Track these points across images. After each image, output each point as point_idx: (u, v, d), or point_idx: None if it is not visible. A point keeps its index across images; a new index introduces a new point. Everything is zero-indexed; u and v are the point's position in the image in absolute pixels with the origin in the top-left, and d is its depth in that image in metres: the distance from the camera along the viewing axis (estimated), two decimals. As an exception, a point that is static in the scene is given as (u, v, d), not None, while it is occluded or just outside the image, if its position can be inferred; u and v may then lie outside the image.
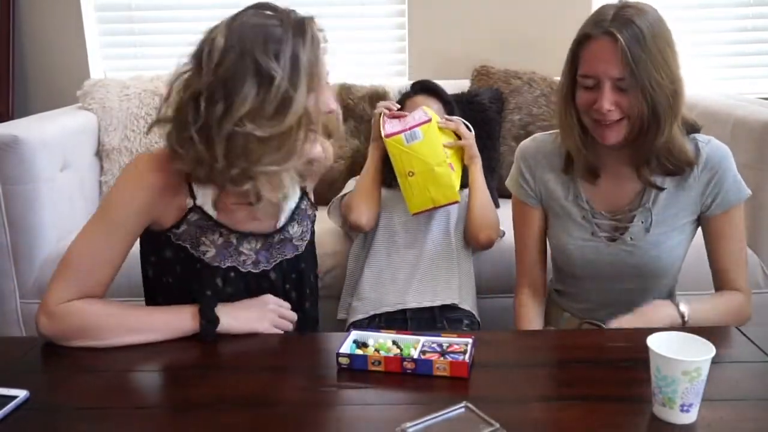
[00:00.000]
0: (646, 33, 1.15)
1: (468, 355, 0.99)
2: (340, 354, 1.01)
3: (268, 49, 1.04)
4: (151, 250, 1.23)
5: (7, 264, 1.89)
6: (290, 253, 1.27)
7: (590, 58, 1.19)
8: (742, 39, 2.68)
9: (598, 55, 1.18)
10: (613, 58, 1.15)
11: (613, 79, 1.17)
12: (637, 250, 1.29)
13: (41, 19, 2.61)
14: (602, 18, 1.18)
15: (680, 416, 0.85)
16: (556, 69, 2.42)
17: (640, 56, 1.14)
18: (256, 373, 1.02)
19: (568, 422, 0.87)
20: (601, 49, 1.17)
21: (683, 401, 0.84)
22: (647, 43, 1.15)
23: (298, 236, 1.28)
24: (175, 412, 0.93)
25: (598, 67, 1.18)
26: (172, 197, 1.16)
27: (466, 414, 0.86)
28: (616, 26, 1.15)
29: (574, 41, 1.23)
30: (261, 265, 1.24)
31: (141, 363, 1.07)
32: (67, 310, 1.09)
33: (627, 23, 1.15)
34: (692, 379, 0.84)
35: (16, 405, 0.91)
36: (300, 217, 1.28)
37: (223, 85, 1.04)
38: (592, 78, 1.19)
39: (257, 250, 1.23)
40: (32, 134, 1.87)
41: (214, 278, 1.20)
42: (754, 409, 0.89)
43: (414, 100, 1.86)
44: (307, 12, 1.14)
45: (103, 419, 0.90)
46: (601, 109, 1.18)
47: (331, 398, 0.95)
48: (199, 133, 1.05)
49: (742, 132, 1.82)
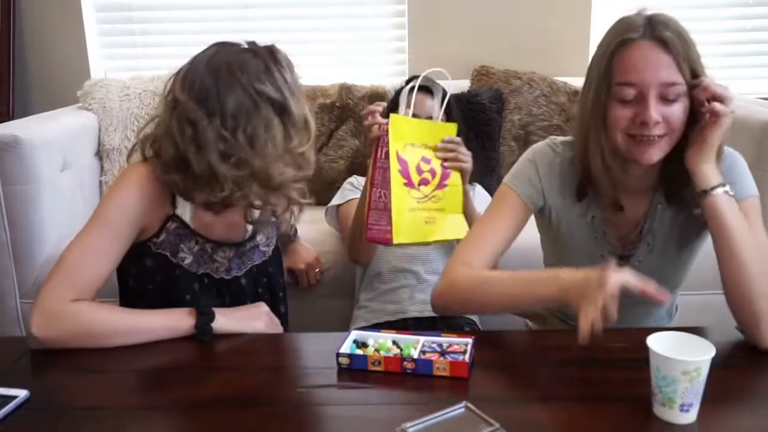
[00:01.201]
0: (687, 36, 1.08)
1: (468, 355, 1.00)
2: (340, 354, 1.01)
3: (262, 79, 1.13)
4: (131, 261, 1.24)
5: (7, 263, 1.89)
6: (258, 258, 1.34)
7: (632, 65, 1.07)
8: (741, 39, 2.69)
9: (643, 59, 1.07)
10: (661, 62, 1.06)
11: (662, 85, 1.06)
12: (643, 271, 1.17)
13: (41, 19, 2.61)
14: (634, 24, 1.09)
15: (680, 416, 0.85)
16: (556, 69, 2.47)
17: (690, 58, 1.07)
18: (256, 373, 1.02)
19: (568, 422, 0.87)
20: (646, 53, 1.07)
21: (683, 401, 0.84)
22: (691, 45, 1.08)
23: (264, 243, 1.35)
24: (175, 412, 0.93)
25: (644, 74, 1.06)
26: (159, 207, 1.20)
27: (466, 414, 0.86)
28: (658, 28, 1.07)
29: (606, 52, 1.11)
30: (233, 272, 1.29)
31: (141, 363, 1.07)
32: (62, 310, 1.09)
33: (666, 25, 1.07)
34: (692, 379, 0.84)
35: (16, 405, 0.92)
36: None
37: (233, 118, 1.12)
38: (635, 87, 1.07)
39: (230, 258, 1.28)
40: (32, 134, 1.87)
41: (192, 284, 1.25)
42: (754, 409, 0.89)
43: (408, 99, 1.83)
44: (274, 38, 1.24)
45: (103, 419, 0.90)
46: (648, 120, 1.07)
47: (331, 398, 0.95)
48: (213, 162, 1.12)
49: (742, 132, 1.82)
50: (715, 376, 0.85)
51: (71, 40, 2.61)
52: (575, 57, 2.56)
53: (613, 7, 2.60)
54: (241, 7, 2.65)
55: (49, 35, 2.62)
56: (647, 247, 1.23)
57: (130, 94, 2.29)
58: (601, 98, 1.12)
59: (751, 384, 0.96)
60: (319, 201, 1.98)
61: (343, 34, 2.68)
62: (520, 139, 2.30)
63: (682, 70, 1.07)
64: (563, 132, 2.28)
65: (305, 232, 1.81)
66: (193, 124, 1.11)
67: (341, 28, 2.67)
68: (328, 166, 2.29)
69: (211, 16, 2.66)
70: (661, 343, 0.87)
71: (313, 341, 1.17)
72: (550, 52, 2.56)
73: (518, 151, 2.30)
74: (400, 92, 1.81)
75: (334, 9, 2.65)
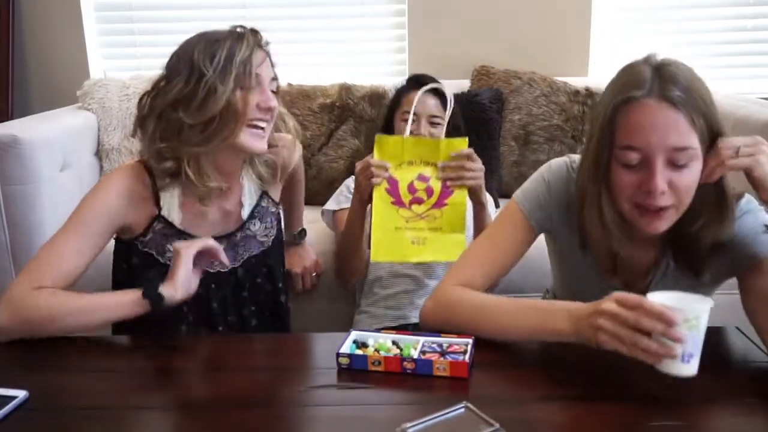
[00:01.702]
0: (700, 89, 0.97)
1: (468, 355, 0.99)
2: (340, 354, 1.01)
3: (206, 50, 1.18)
4: (122, 258, 1.30)
5: (7, 264, 1.88)
6: (256, 249, 1.36)
7: (636, 127, 0.96)
8: (741, 39, 2.68)
9: (649, 122, 0.95)
10: (669, 124, 0.95)
11: (671, 150, 0.95)
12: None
13: (41, 19, 2.61)
14: (641, 78, 0.98)
15: (682, 367, 0.86)
16: (556, 69, 2.47)
17: (705, 115, 0.96)
18: (256, 373, 1.02)
19: (568, 422, 0.87)
20: (652, 114, 0.95)
21: (684, 350, 0.85)
22: (706, 100, 0.97)
23: (261, 233, 1.37)
24: (175, 412, 0.93)
25: (650, 138, 0.95)
26: (142, 207, 1.24)
27: (466, 414, 0.86)
28: (667, 86, 0.95)
29: (607, 109, 1.00)
30: (229, 263, 1.30)
31: (141, 363, 1.07)
32: (23, 298, 1.11)
33: (676, 80, 0.96)
34: (692, 327, 0.85)
35: (16, 405, 0.91)
36: (261, 214, 1.37)
37: (165, 78, 1.21)
38: (639, 151, 0.97)
39: (223, 250, 1.28)
40: (32, 134, 1.86)
41: None
42: (754, 409, 0.89)
43: (409, 98, 1.75)
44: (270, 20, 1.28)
45: (103, 419, 0.90)
46: (654, 189, 0.96)
47: (331, 398, 0.95)
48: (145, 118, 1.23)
49: (743, 132, 1.81)
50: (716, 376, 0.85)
51: (71, 40, 2.61)
52: (575, 57, 2.56)
53: (613, 7, 2.60)
54: (241, 7, 2.65)
55: (48, 35, 2.62)
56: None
57: (129, 93, 2.29)
58: (602, 158, 1.01)
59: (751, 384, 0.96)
60: (319, 201, 1.97)
61: (343, 34, 2.68)
62: (520, 139, 2.30)
63: (696, 130, 0.95)
64: (563, 131, 2.28)
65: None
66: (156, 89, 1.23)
67: (341, 28, 2.67)
68: (327, 166, 2.29)
69: (211, 16, 2.65)
70: (662, 299, 0.88)
71: (313, 341, 1.17)
72: (550, 52, 2.56)
73: (518, 151, 2.30)
74: (400, 92, 1.83)
75: (333, 9, 2.64)
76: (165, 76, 1.22)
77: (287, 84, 2.36)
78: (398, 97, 1.84)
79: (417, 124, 1.72)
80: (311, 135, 2.29)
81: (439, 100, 1.75)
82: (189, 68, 1.17)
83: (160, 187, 1.25)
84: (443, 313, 1.13)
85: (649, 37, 2.60)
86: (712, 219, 1.03)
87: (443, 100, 1.74)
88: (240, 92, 1.19)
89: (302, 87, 2.35)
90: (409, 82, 1.84)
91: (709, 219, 1.03)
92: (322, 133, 2.30)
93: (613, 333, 0.88)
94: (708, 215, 1.03)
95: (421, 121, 1.72)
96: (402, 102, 1.80)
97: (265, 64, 1.23)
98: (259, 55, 1.22)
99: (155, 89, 1.22)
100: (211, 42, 1.19)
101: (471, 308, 1.10)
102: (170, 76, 1.20)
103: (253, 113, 1.21)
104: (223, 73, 1.16)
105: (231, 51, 1.17)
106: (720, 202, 1.03)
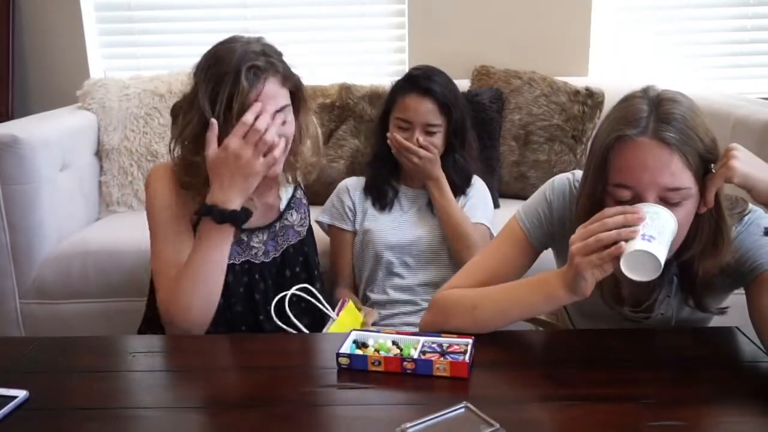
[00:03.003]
0: (700, 129, 0.96)
1: (468, 355, 0.99)
2: (340, 354, 1.01)
3: (207, 86, 1.20)
4: None
5: (7, 264, 1.88)
6: (294, 238, 1.42)
7: (629, 165, 0.96)
8: (741, 39, 2.68)
9: (642, 162, 0.94)
10: (662, 165, 0.94)
11: (663, 189, 0.95)
12: (663, 324, 1.14)
13: (41, 19, 2.60)
14: (637, 115, 0.96)
15: (644, 244, 0.89)
16: (556, 69, 2.47)
17: (700, 152, 0.95)
18: (256, 373, 1.02)
19: (568, 422, 0.87)
20: (645, 152, 0.94)
21: (644, 232, 0.89)
22: (702, 140, 0.95)
23: (298, 223, 1.44)
24: (175, 412, 0.93)
25: (642, 176, 0.95)
26: (186, 202, 1.26)
27: (466, 414, 0.86)
28: (662, 126, 0.94)
29: (601, 144, 0.99)
30: (271, 254, 1.37)
31: (141, 363, 1.07)
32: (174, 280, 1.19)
33: (672, 117, 0.95)
34: (652, 217, 0.90)
35: (16, 405, 0.91)
36: (296, 205, 1.44)
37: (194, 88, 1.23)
38: (631, 189, 0.96)
39: (265, 241, 1.36)
40: (32, 134, 1.86)
41: (226, 276, 1.25)
42: (754, 409, 0.89)
43: (405, 102, 1.63)
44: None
45: (103, 419, 0.90)
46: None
47: (331, 398, 0.95)
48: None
49: (743, 132, 1.82)
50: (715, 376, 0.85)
51: (71, 40, 2.61)
52: (575, 57, 2.56)
53: (613, 7, 2.60)
54: (241, 6, 2.65)
55: (48, 35, 2.62)
56: (661, 315, 1.13)
57: (129, 93, 2.29)
58: (596, 193, 1.01)
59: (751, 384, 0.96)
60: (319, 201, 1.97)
61: (343, 34, 2.68)
62: (520, 139, 2.30)
63: (690, 169, 0.95)
64: (563, 131, 2.28)
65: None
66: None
67: (341, 28, 2.67)
68: (327, 166, 2.28)
69: (211, 16, 2.65)
70: None
71: (313, 341, 1.17)
72: (550, 52, 2.56)
73: (518, 151, 2.30)
74: (395, 91, 1.70)
75: (333, 9, 2.64)
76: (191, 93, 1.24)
77: (287, 84, 2.36)
78: (393, 97, 1.68)
79: (410, 132, 1.63)
80: (311, 135, 2.29)
81: (436, 104, 1.61)
82: (196, 107, 1.20)
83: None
84: (442, 315, 1.13)
85: (649, 37, 2.60)
86: (707, 251, 1.02)
87: (443, 108, 1.62)
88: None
89: (302, 87, 2.35)
90: (406, 82, 1.67)
91: (704, 251, 1.02)
92: (322, 133, 2.29)
93: (588, 257, 0.92)
94: (703, 247, 1.02)
95: (415, 129, 1.62)
96: (397, 104, 1.66)
97: (270, 95, 1.21)
98: (259, 88, 1.20)
99: (186, 105, 1.24)
100: (216, 76, 1.19)
101: (469, 301, 1.10)
102: (186, 107, 1.23)
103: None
104: (226, 119, 1.18)
105: (232, 90, 1.17)
106: (716, 234, 1.01)
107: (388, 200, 1.75)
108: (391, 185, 1.76)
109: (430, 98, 1.61)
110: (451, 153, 1.70)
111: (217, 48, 1.24)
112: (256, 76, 1.20)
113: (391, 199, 1.75)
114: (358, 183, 1.80)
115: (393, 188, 1.76)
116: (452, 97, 1.65)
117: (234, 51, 1.21)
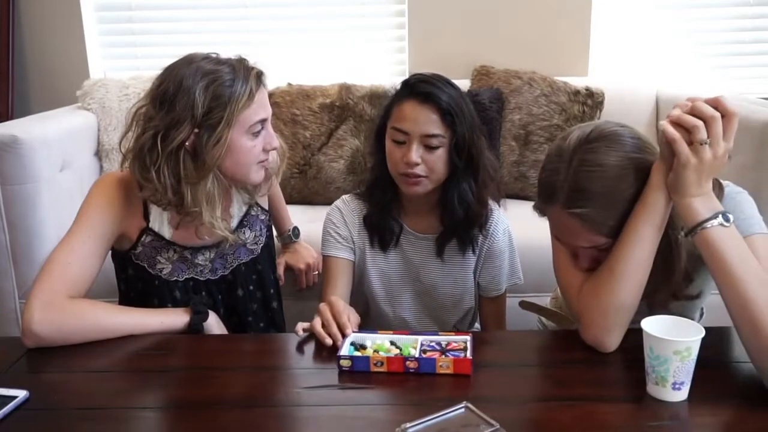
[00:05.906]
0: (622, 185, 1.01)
1: (469, 351, 0.99)
2: (341, 357, 1.01)
3: (206, 92, 1.18)
4: (119, 267, 1.33)
5: (7, 264, 1.88)
6: (245, 256, 1.37)
7: (556, 227, 1.10)
8: (742, 39, 2.68)
9: (562, 228, 1.07)
10: (575, 230, 1.04)
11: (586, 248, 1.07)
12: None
13: (41, 19, 2.60)
14: (554, 184, 1.03)
15: (672, 394, 0.89)
16: (556, 69, 2.47)
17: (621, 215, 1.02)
18: (255, 373, 1.02)
19: (568, 422, 0.87)
20: (562, 221, 1.05)
21: (675, 379, 0.88)
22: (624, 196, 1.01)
23: (251, 241, 1.38)
24: (175, 412, 0.93)
25: (569, 239, 1.08)
26: (133, 217, 1.26)
27: (466, 414, 0.86)
28: (574, 196, 1.01)
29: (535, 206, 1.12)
30: (219, 271, 1.34)
31: (141, 363, 1.07)
32: (61, 305, 1.11)
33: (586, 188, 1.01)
34: (683, 358, 0.87)
35: (16, 405, 0.92)
36: (251, 222, 1.38)
37: (164, 108, 1.20)
38: (567, 245, 1.10)
39: (212, 259, 1.33)
40: (32, 134, 1.86)
41: (172, 292, 1.30)
42: (753, 409, 0.89)
43: (401, 110, 1.28)
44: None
45: (103, 419, 0.90)
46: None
47: (331, 398, 0.95)
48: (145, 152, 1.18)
49: (742, 132, 1.81)
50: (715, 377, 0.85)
51: (71, 40, 2.61)
52: (575, 57, 2.56)
53: (613, 7, 2.60)
54: (241, 6, 2.65)
55: (48, 35, 2.62)
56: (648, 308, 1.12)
57: (129, 93, 2.29)
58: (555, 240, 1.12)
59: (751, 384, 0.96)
60: (318, 201, 1.98)
61: (343, 34, 2.68)
62: (520, 139, 2.30)
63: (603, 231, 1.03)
64: (563, 131, 2.27)
65: (304, 232, 1.80)
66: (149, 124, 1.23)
67: (341, 28, 2.67)
68: (327, 166, 2.28)
69: (211, 16, 2.65)
70: (655, 326, 0.91)
71: (313, 341, 1.17)
72: (550, 52, 2.56)
73: (518, 151, 2.30)
74: (393, 99, 1.33)
75: (333, 9, 2.64)
76: (164, 107, 1.20)
77: (287, 84, 2.36)
78: (390, 105, 1.34)
79: (407, 146, 1.27)
80: (311, 135, 2.29)
81: (438, 113, 1.26)
82: (191, 114, 1.16)
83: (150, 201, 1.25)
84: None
85: (649, 37, 2.60)
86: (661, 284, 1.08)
87: (445, 117, 1.27)
88: (246, 138, 1.20)
89: (302, 87, 2.35)
90: (404, 87, 1.32)
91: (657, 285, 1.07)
92: (322, 132, 2.29)
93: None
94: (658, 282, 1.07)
95: (412, 143, 1.26)
96: (393, 112, 1.32)
97: (265, 105, 1.24)
98: (258, 97, 1.21)
99: (154, 124, 1.19)
100: (211, 84, 1.18)
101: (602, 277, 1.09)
102: (172, 115, 1.18)
103: (261, 156, 1.25)
104: (227, 122, 1.17)
105: (232, 95, 1.17)
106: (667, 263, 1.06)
107: (392, 239, 1.40)
108: (395, 219, 1.39)
109: (430, 105, 1.27)
110: (455, 179, 1.31)
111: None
112: (256, 85, 1.22)
113: (396, 238, 1.40)
114: (353, 207, 1.44)
115: (397, 223, 1.39)
116: (457, 108, 1.28)
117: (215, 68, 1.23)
